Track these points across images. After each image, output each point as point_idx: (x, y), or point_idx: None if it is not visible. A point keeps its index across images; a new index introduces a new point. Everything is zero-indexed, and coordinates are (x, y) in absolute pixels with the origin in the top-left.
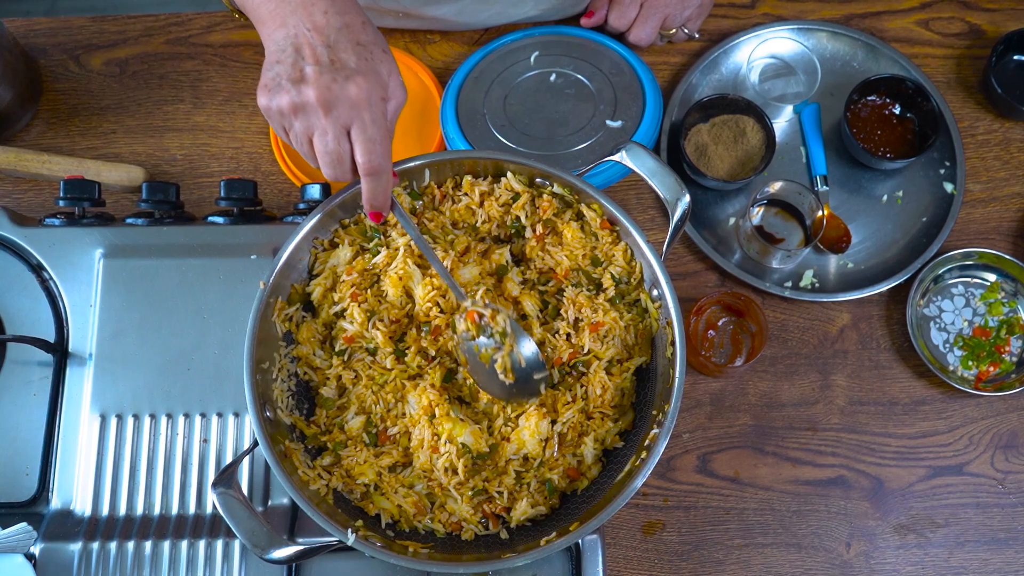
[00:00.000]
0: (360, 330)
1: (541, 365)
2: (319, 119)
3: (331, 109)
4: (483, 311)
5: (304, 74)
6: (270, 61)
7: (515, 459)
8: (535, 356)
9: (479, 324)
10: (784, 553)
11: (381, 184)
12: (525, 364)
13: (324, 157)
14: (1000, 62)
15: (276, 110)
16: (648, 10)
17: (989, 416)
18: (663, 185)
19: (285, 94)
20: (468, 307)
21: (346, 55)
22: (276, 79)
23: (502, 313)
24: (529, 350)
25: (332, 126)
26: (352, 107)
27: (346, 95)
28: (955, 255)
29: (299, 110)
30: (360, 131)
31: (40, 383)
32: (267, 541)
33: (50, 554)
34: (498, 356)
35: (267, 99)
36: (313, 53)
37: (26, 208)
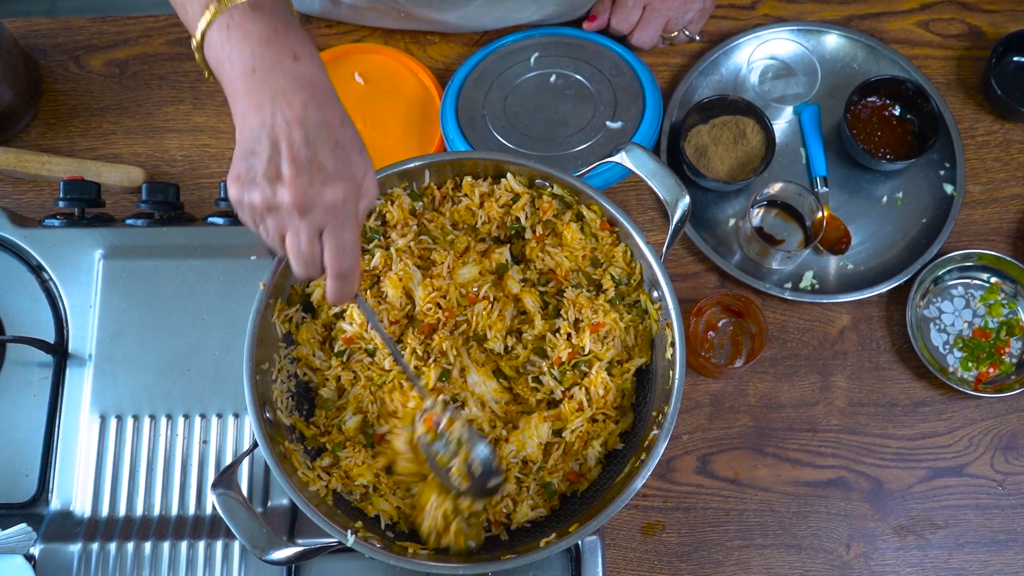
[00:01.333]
0: (359, 331)
1: (496, 471)
2: (293, 220)
3: (306, 213)
4: (440, 418)
5: (280, 173)
6: (243, 149)
7: (515, 462)
8: (489, 463)
9: (435, 429)
10: (784, 554)
11: (348, 285)
12: (480, 471)
13: (296, 256)
14: (1000, 63)
15: (248, 204)
16: (650, 13)
17: (989, 417)
18: (663, 186)
19: (259, 191)
20: (426, 410)
21: (324, 156)
22: (250, 172)
23: (460, 420)
24: (483, 456)
25: (306, 229)
26: (327, 212)
27: (322, 200)
28: (955, 256)
29: (272, 209)
30: (332, 236)
31: (40, 384)
32: (267, 542)
33: (50, 555)
34: (454, 462)
35: (239, 192)
36: (291, 150)
37: (26, 209)
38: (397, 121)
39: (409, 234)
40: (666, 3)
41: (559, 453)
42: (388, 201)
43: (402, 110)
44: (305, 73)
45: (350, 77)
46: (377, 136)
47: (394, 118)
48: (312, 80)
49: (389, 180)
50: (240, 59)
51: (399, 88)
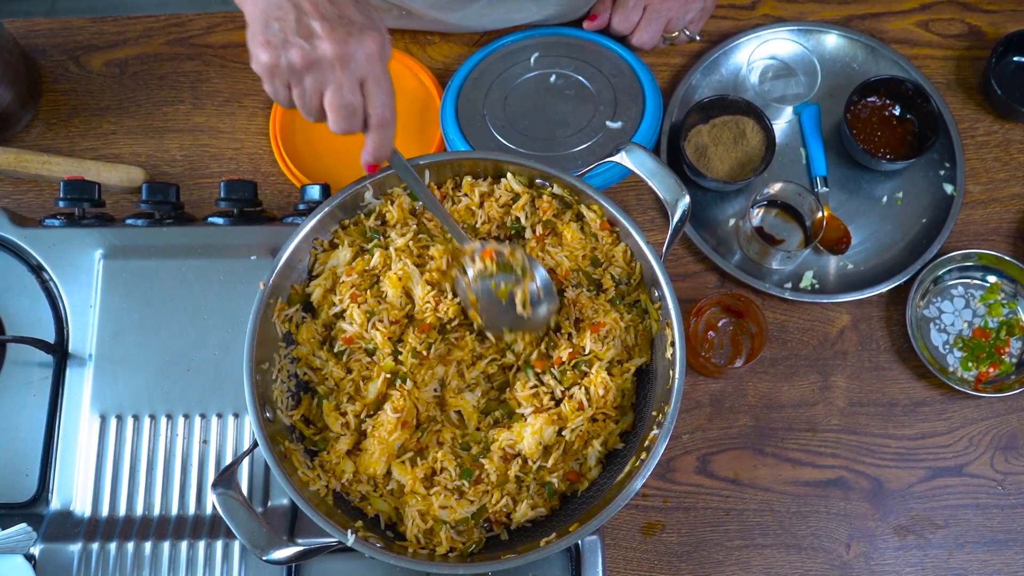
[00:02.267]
0: (360, 331)
1: (552, 294)
2: (335, 73)
3: (347, 63)
4: (502, 248)
5: (313, 30)
6: (266, 18)
7: (511, 453)
8: (548, 284)
9: (498, 262)
10: (784, 554)
11: (389, 134)
12: (542, 294)
13: (340, 110)
14: (1000, 63)
15: (286, 66)
16: (651, 14)
17: (989, 417)
18: (663, 186)
19: (296, 49)
20: (484, 246)
21: (350, 10)
22: (280, 35)
23: (520, 249)
24: (544, 277)
25: (348, 79)
26: (367, 60)
27: (362, 49)
28: (955, 256)
29: (313, 65)
30: (375, 84)
31: (40, 384)
32: (267, 542)
33: (50, 555)
34: (517, 290)
35: (271, 55)
36: (316, 8)
37: (26, 209)
38: (397, 121)
39: (408, 233)
40: (667, 3)
41: (559, 452)
42: (388, 201)
43: (402, 110)
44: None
45: None
46: None
47: None
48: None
49: (389, 180)
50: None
51: (399, 88)
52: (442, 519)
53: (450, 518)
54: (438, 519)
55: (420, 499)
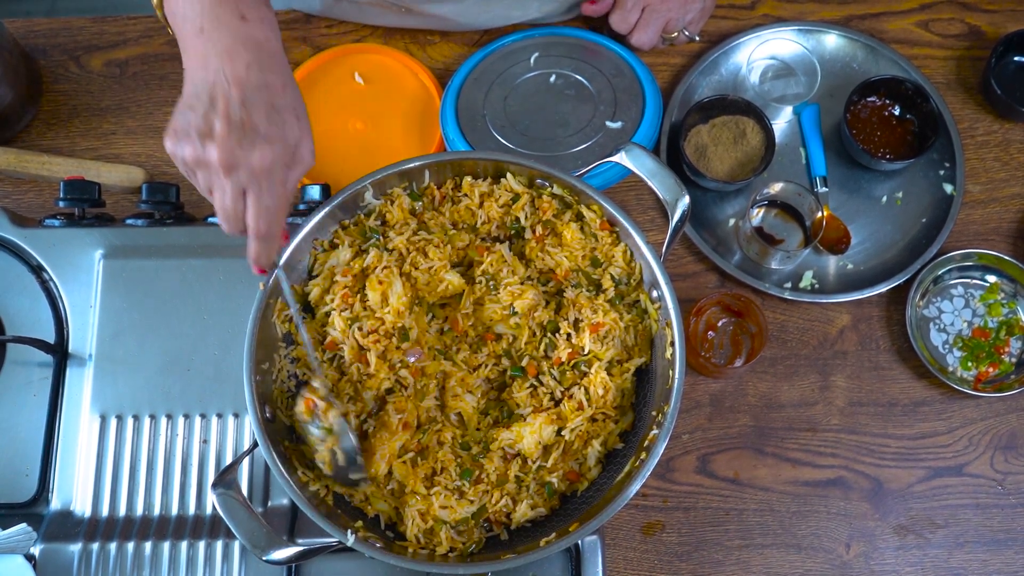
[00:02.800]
0: (342, 336)
1: (359, 467)
2: (219, 178)
3: (231, 172)
4: (318, 402)
5: (212, 130)
6: (184, 103)
7: (511, 453)
8: (353, 457)
9: (313, 411)
10: (784, 554)
11: (268, 247)
12: (344, 462)
13: (220, 212)
14: (1000, 63)
15: (180, 158)
16: (650, 15)
17: (988, 417)
18: (663, 186)
19: (189, 146)
20: (306, 394)
21: (257, 118)
22: (185, 127)
23: (335, 409)
24: (348, 448)
25: (230, 187)
26: (251, 174)
27: (247, 162)
28: (955, 256)
29: (201, 165)
30: (255, 198)
31: (40, 384)
32: (267, 542)
33: (50, 555)
34: (320, 448)
35: (172, 145)
36: (226, 108)
37: (26, 209)
38: (397, 121)
39: (407, 232)
40: (666, 4)
41: (558, 452)
42: (388, 201)
43: (402, 110)
44: (253, 34)
45: (350, 77)
46: (377, 136)
47: (394, 118)
48: (259, 42)
49: (389, 180)
50: (191, 16)
51: (399, 88)
52: (442, 519)
53: (450, 518)
54: (438, 519)
55: (420, 499)
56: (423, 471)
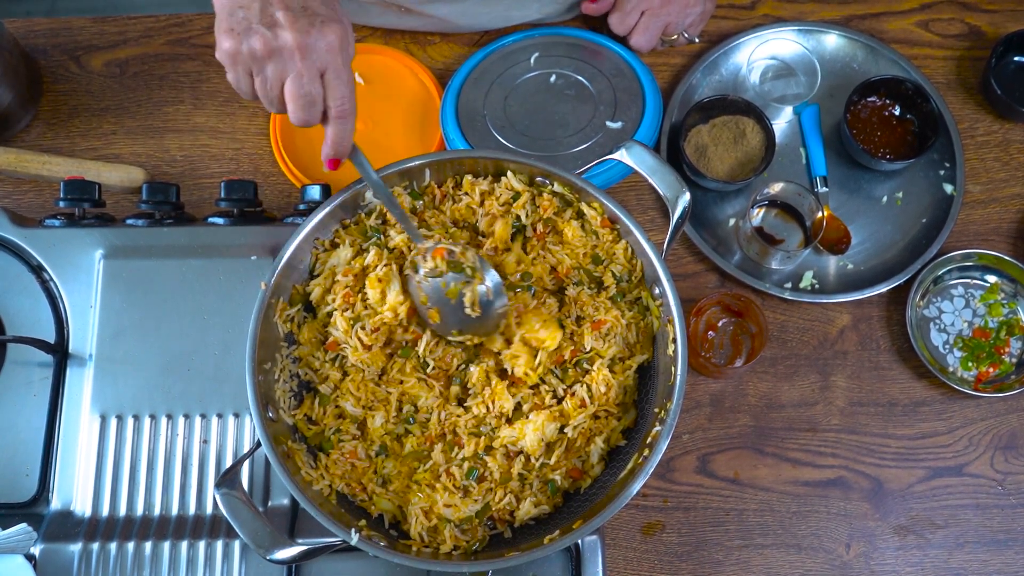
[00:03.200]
0: (344, 336)
1: (503, 296)
2: (295, 63)
3: (309, 53)
4: (453, 247)
5: (276, 19)
6: (232, 6)
7: (513, 451)
8: (499, 286)
9: (449, 261)
10: (784, 554)
11: (348, 127)
12: (493, 295)
13: (298, 100)
14: (1000, 63)
15: (247, 53)
16: (649, 18)
17: (989, 417)
18: (663, 183)
19: (258, 37)
20: (436, 245)
21: (313, 2)
22: (244, 23)
23: (471, 250)
24: (493, 280)
25: (308, 69)
26: (328, 51)
27: (324, 40)
28: (955, 256)
29: (275, 53)
30: (335, 75)
31: (40, 384)
32: (271, 542)
33: (50, 555)
34: (467, 290)
35: (234, 42)
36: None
37: (26, 209)
38: (397, 121)
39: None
40: (665, 8)
41: (561, 450)
42: None
43: (402, 110)
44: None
45: None
46: (377, 136)
47: (394, 118)
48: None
49: (390, 179)
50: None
51: (399, 88)
52: (446, 517)
53: (454, 516)
54: (443, 517)
55: (424, 496)
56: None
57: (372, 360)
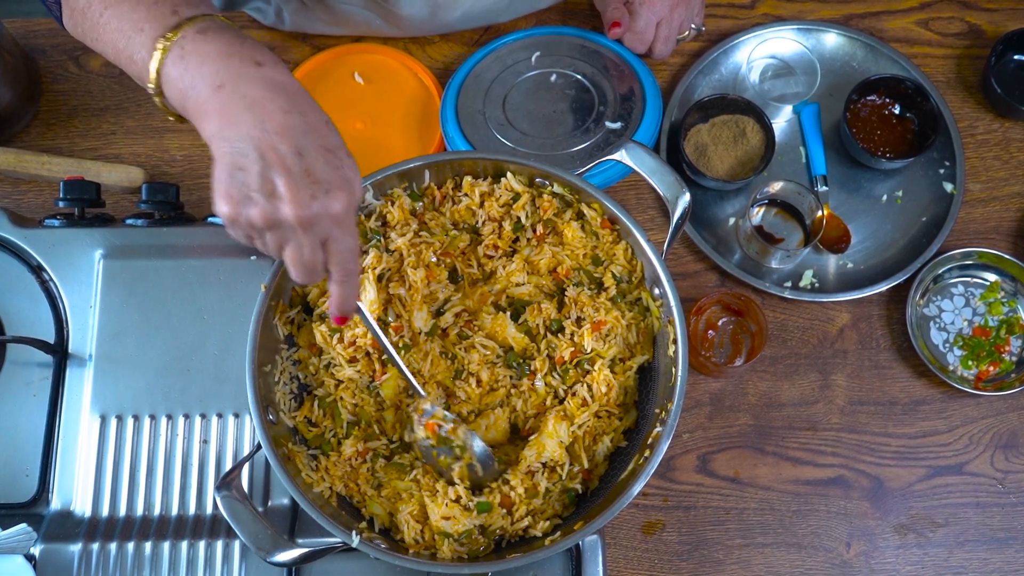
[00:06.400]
0: (325, 346)
1: (494, 470)
2: (295, 234)
3: (310, 226)
4: (443, 424)
5: (276, 188)
6: (230, 166)
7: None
8: (486, 458)
9: (438, 436)
10: (784, 553)
11: (352, 288)
12: (481, 472)
13: (299, 267)
14: (1000, 62)
15: (246, 222)
16: (665, 26)
17: (989, 416)
18: (663, 183)
19: (256, 208)
20: (427, 417)
21: (318, 164)
22: (243, 189)
23: (462, 427)
24: (482, 453)
25: (309, 240)
26: (331, 222)
27: (326, 212)
28: (955, 255)
29: (274, 226)
30: (338, 244)
31: (40, 384)
32: (271, 544)
33: (50, 555)
34: (455, 465)
35: (233, 210)
36: (282, 162)
37: (26, 209)
38: (397, 121)
39: (408, 233)
40: (675, 11)
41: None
42: (388, 202)
43: (402, 110)
44: (275, 77)
45: (350, 77)
46: (377, 136)
47: (394, 118)
48: (284, 84)
49: (389, 180)
50: (203, 81)
51: (399, 88)
52: (444, 531)
53: (453, 529)
54: (440, 531)
55: (413, 503)
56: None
57: (363, 369)
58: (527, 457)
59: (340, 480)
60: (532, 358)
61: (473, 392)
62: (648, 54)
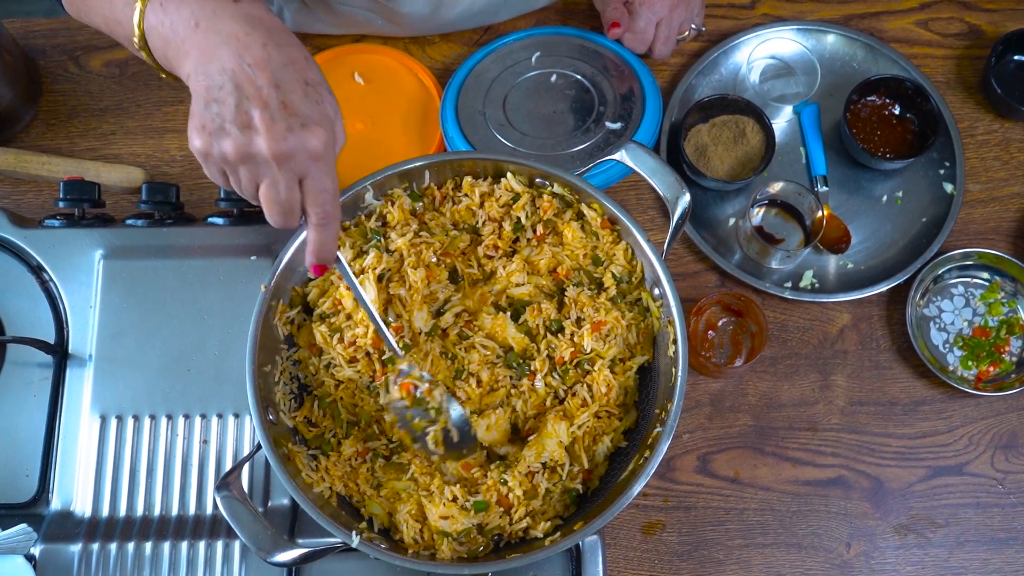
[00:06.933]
0: (325, 346)
1: (471, 436)
2: (270, 169)
3: (285, 161)
4: (419, 384)
5: (251, 119)
6: (205, 98)
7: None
8: (464, 423)
9: (414, 396)
10: (784, 553)
11: (331, 233)
12: (458, 438)
13: (273, 206)
14: (999, 62)
15: (219, 155)
16: (664, 26)
17: (989, 416)
18: (663, 184)
19: (230, 141)
20: (402, 378)
21: (295, 97)
22: (216, 121)
23: (439, 388)
24: (459, 418)
25: (285, 177)
26: (308, 158)
27: (302, 147)
28: (955, 255)
29: (247, 160)
30: (315, 182)
31: (40, 384)
32: (271, 544)
33: (50, 555)
34: (431, 429)
35: (205, 143)
36: (259, 94)
37: (26, 209)
38: (397, 121)
39: (408, 233)
40: (675, 11)
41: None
42: (388, 202)
43: (402, 110)
44: (252, 12)
45: (350, 77)
46: (377, 136)
47: (394, 118)
48: (262, 19)
49: (389, 180)
50: (182, 22)
51: (399, 88)
52: (443, 530)
53: (451, 528)
54: (439, 530)
55: (412, 503)
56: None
57: (363, 370)
58: (526, 457)
59: (340, 480)
60: (532, 358)
61: (473, 392)
62: (648, 54)
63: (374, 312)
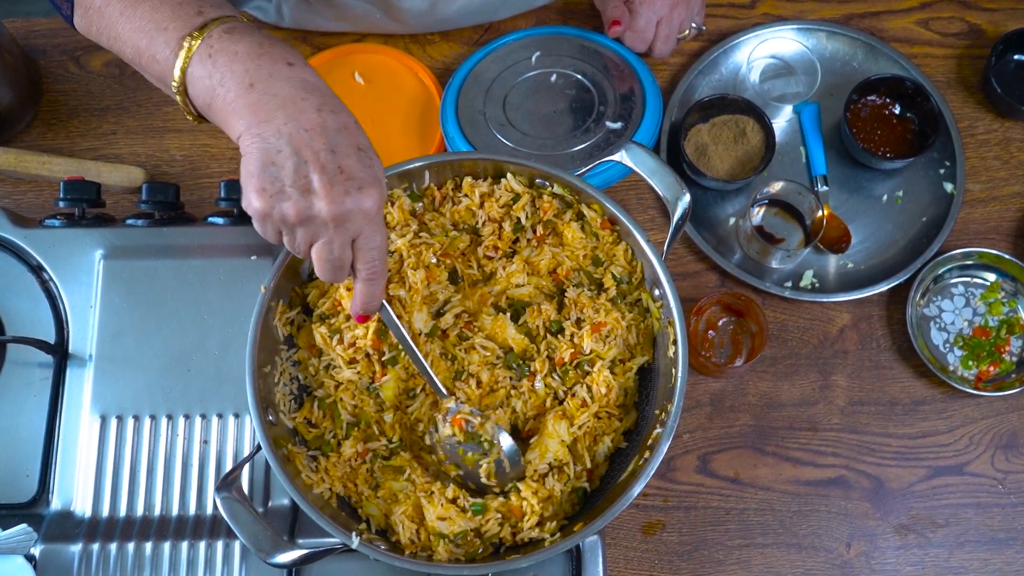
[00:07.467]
0: (325, 347)
1: (520, 466)
2: (327, 230)
3: (342, 222)
4: (470, 419)
5: (310, 183)
6: (262, 161)
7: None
8: (514, 454)
9: (466, 432)
10: (784, 553)
11: (379, 287)
12: (509, 468)
13: (326, 264)
14: (1000, 62)
15: (279, 217)
16: (664, 25)
17: (989, 416)
18: (663, 184)
19: (290, 203)
20: (453, 413)
21: (351, 163)
22: (277, 184)
23: (489, 421)
24: (510, 448)
25: (340, 236)
26: (363, 219)
27: (359, 208)
28: (955, 255)
29: (307, 221)
30: (367, 240)
31: (40, 384)
32: (271, 545)
33: (50, 555)
34: (483, 462)
35: (266, 204)
36: (316, 158)
37: (26, 209)
38: (397, 121)
39: (408, 234)
40: (676, 10)
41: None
42: (388, 203)
43: (402, 110)
44: (307, 78)
45: (350, 77)
46: (377, 136)
47: (394, 118)
48: (316, 85)
49: (389, 181)
50: (234, 79)
51: (399, 88)
52: (440, 531)
53: (449, 530)
54: (436, 531)
55: (408, 504)
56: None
57: (363, 371)
58: (532, 461)
59: (340, 481)
60: (532, 359)
61: (473, 393)
62: (648, 53)
63: (420, 356)
